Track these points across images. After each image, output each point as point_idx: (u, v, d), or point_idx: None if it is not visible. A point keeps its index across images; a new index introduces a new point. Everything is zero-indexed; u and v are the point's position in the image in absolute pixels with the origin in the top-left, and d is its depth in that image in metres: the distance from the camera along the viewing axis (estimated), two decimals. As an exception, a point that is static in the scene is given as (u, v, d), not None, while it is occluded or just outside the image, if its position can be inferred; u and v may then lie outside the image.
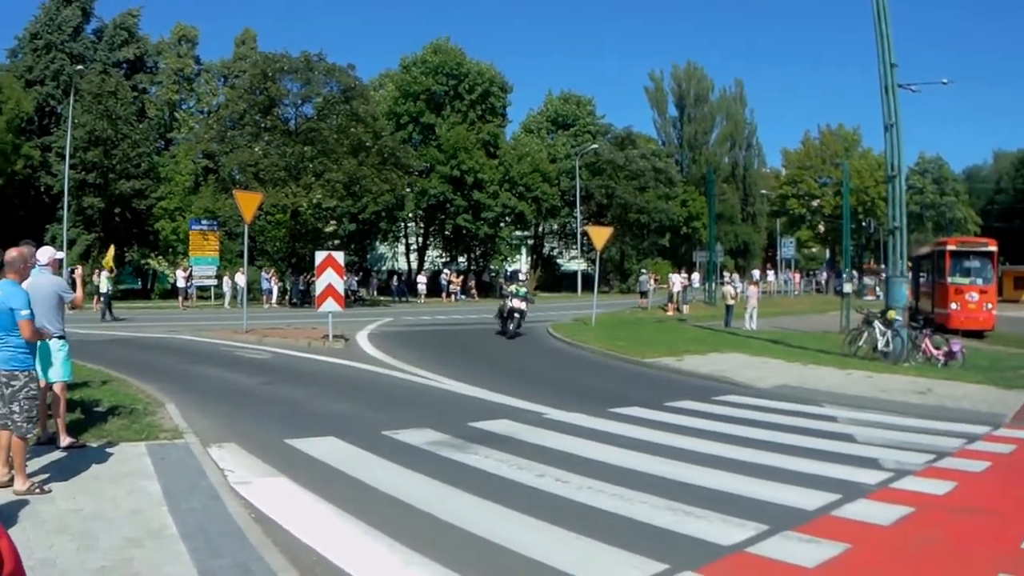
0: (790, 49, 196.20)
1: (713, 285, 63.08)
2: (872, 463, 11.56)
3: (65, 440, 11.02)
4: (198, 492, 9.07)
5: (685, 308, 51.79)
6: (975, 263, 41.82)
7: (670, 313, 49.20)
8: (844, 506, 9.29)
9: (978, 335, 37.47)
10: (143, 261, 64.35)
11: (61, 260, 11.89)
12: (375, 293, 66.92)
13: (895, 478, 10.74)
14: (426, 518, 8.68)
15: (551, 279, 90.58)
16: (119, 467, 10.16)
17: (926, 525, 8.82)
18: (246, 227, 32.30)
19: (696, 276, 70.30)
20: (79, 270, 12.51)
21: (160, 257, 60.34)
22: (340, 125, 55.52)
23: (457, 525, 8.42)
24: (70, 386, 12.04)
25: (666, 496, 9.52)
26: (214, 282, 55.41)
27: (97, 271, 43.26)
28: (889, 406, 17.00)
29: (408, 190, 64.68)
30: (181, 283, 52.00)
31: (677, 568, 7.21)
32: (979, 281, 40.87)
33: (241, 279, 42.75)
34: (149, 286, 66.84)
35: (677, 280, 55.41)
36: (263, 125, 55.33)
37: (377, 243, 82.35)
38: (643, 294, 57.04)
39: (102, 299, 40.30)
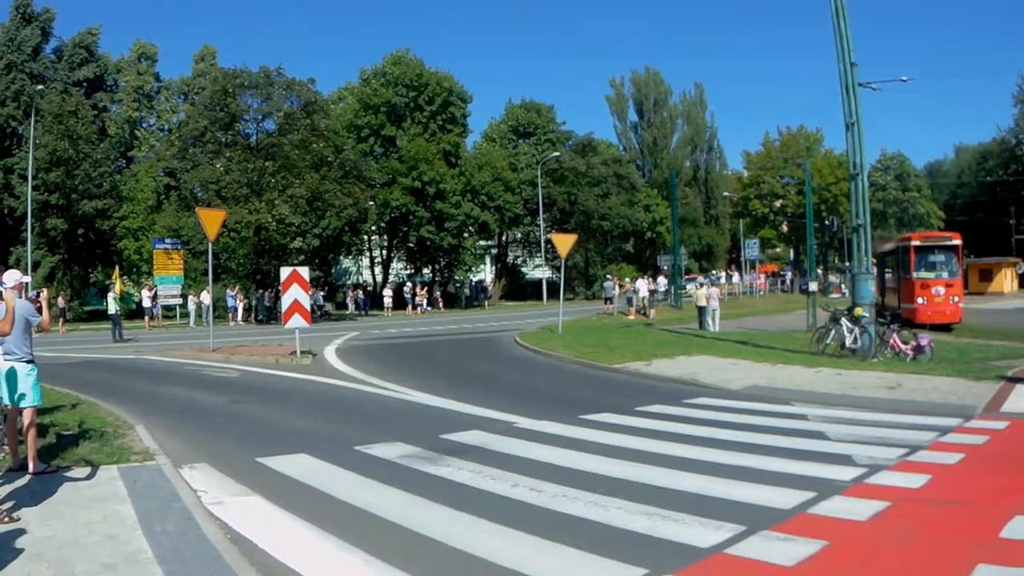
0: (750, 52, 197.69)
1: (678, 289, 63.32)
2: (846, 460, 11.60)
3: (36, 466, 10.91)
4: (172, 514, 9.00)
5: (652, 312, 51.83)
6: (940, 257, 42.16)
7: (632, 318, 49.23)
8: (820, 503, 9.32)
9: (946, 328, 37.73)
10: (107, 282, 63.90)
11: (27, 283, 11.82)
12: (359, 306, 66.53)
13: (869, 473, 10.77)
14: (401, 531, 8.66)
15: (516, 288, 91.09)
16: (91, 491, 10.08)
17: (903, 519, 8.84)
18: (210, 245, 32.21)
19: (662, 280, 70.42)
20: (44, 293, 12.40)
21: (125, 278, 59.92)
22: (301, 140, 55.49)
23: (432, 537, 8.40)
24: (39, 411, 11.93)
25: (641, 501, 9.51)
26: (179, 301, 55.16)
27: (112, 292, 43.58)
28: (859, 402, 17.07)
29: (371, 203, 64.70)
30: (147, 303, 51.76)
31: (656, 572, 7.21)
32: (945, 275, 41.21)
33: (207, 297, 42.60)
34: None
35: (643, 285, 55.59)
36: (224, 141, 55.17)
37: (342, 257, 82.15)
38: (608, 300, 57.11)
39: (113, 320, 40.47)
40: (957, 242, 43.13)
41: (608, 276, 66.69)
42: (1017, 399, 17.03)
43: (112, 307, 40.95)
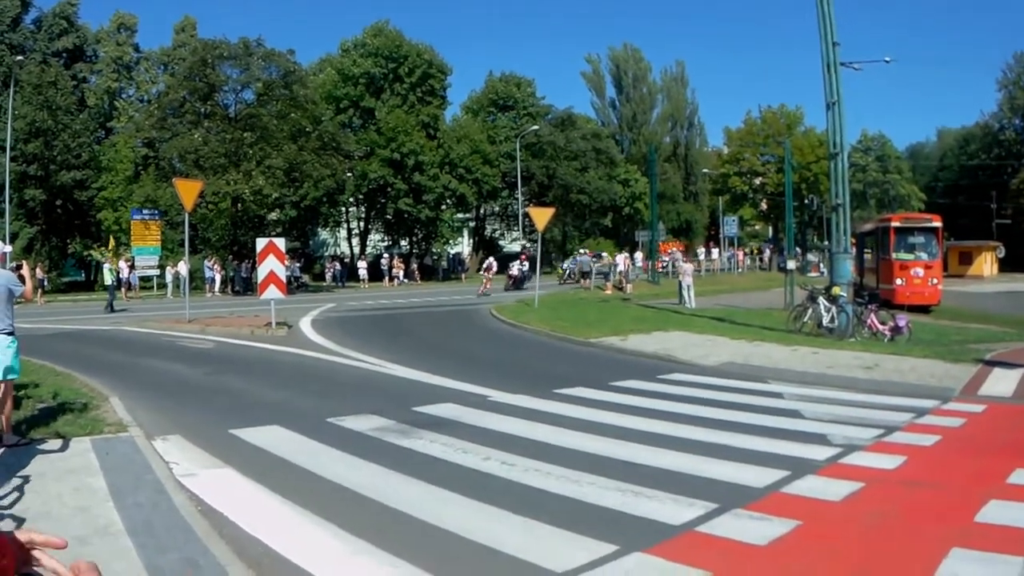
0: (733, 29, 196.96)
1: (657, 264, 63.47)
2: (820, 439, 11.59)
3: (9, 438, 10.84)
4: (144, 486, 8.96)
5: (629, 287, 51.92)
6: (920, 239, 42.39)
7: (609, 292, 49.30)
8: (794, 483, 9.30)
9: (924, 310, 37.95)
10: (86, 253, 63.55)
11: (7, 254, 11.72)
12: (336, 278, 66.35)
13: (844, 454, 10.75)
14: (372, 505, 8.63)
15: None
16: (64, 463, 10.03)
17: (877, 500, 8.83)
18: (187, 216, 32.06)
19: (639, 255, 70.56)
20: (25, 265, 12.30)
21: (103, 248, 59.60)
22: (280, 111, 55.68)
23: (403, 511, 8.37)
24: (15, 383, 11.84)
25: (614, 477, 9.48)
26: (157, 272, 55.04)
27: (108, 262, 44.51)
28: (836, 382, 17.10)
29: (348, 175, 64.70)
30: (124, 273, 51.54)
31: (627, 549, 7.18)
32: (924, 256, 41.41)
33: (184, 268, 42.51)
34: (92, 278, 66.00)
35: (620, 260, 56.07)
36: (203, 112, 55.30)
37: (319, 229, 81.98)
38: (584, 274, 57.16)
39: (109, 291, 40.90)
40: (937, 224, 43.39)
41: (583, 251, 67.23)
42: (995, 382, 17.04)
43: (108, 278, 41.48)
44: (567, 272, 61.15)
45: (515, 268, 54.60)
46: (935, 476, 10.05)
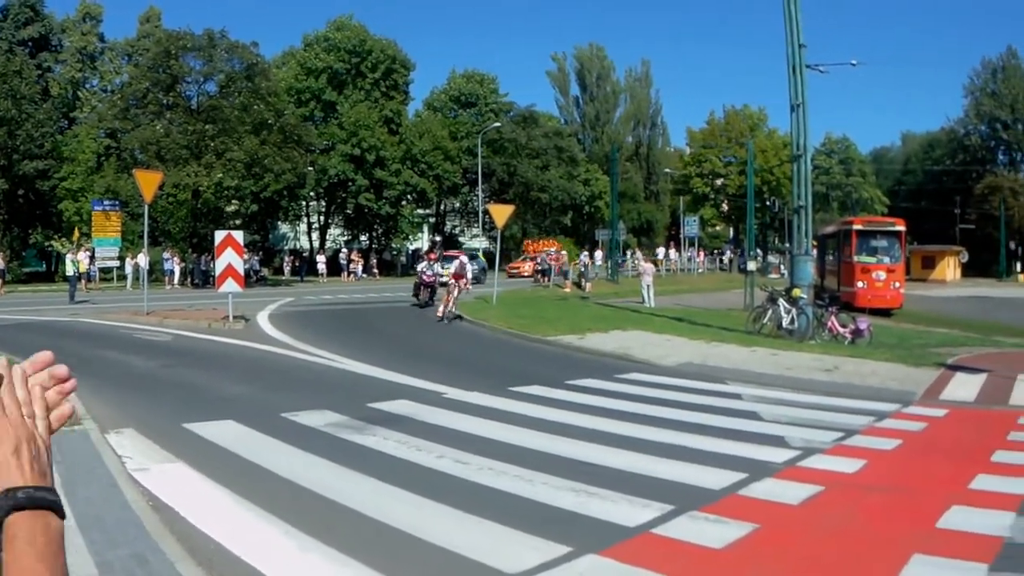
0: (698, 29, 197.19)
1: (616, 263, 63.90)
2: (779, 441, 11.60)
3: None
4: (95, 480, 8.81)
5: (588, 286, 52.03)
6: (882, 242, 42.79)
7: (568, 290, 49.41)
8: (751, 485, 9.27)
9: (885, 313, 38.25)
10: (47, 243, 63.00)
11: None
12: (295, 272, 66.45)
13: (803, 456, 10.74)
14: (324, 502, 8.55)
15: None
16: (15, 457, 9.81)
17: (836, 504, 8.85)
18: (146, 207, 31.81)
19: (599, 254, 70.81)
20: None
21: (64, 239, 59.08)
22: (242, 103, 55.59)
23: (355, 509, 8.31)
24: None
25: (568, 477, 9.42)
26: (116, 263, 54.61)
27: (71, 254, 44.19)
28: (795, 383, 17.17)
29: (309, 168, 64.65)
30: (85, 264, 51.14)
31: (581, 551, 7.10)
32: (886, 260, 41.81)
33: (143, 260, 42.24)
34: (53, 269, 65.44)
35: (581, 258, 56.39)
36: (165, 103, 55.19)
37: (279, 222, 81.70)
38: (544, 272, 57.20)
39: (70, 282, 40.55)
40: (900, 228, 43.80)
41: (545, 249, 67.12)
42: (957, 387, 17.09)
43: (70, 269, 41.33)
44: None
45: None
46: (896, 480, 10.08)
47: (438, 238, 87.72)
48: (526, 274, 62.46)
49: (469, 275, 34.59)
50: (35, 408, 1.47)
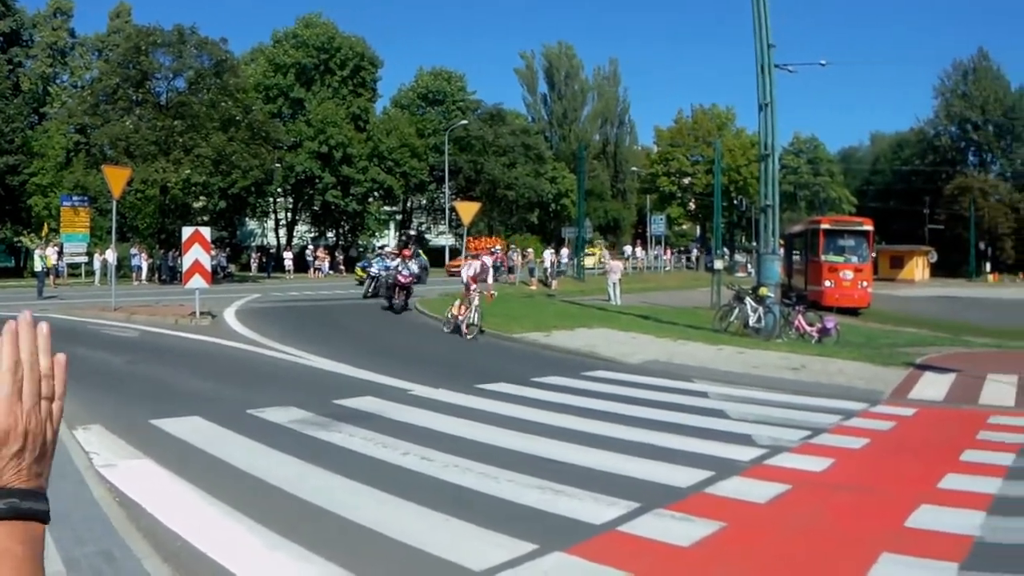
0: (668, 28, 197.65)
1: (581, 261, 63.71)
2: (745, 439, 11.61)
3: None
4: (64, 477, 8.67)
5: (553, 283, 52.27)
6: (850, 242, 43.01)
7: (534, 288, 49.54)
8: (718, 483, 9.28)
9: (853, 312, 38.35)
10: (15, 239, 62.63)
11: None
12: (262, 268, 66.50)
13: (770, 455, 10.77)
14: (290, 499, 8.52)
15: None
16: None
17: (804, 503, 8.88)
18: (115, 203, 31.65)
19: (565, 252, 71.05)
20: None
21: (33, 235, 58.76)
22: (211, 99, 55.59)
23: (321, 506, 8.27)
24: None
25: (534, 474, 9.41)
26: (85, 259, 54.30)
27: (39, 249, 44.05)
28: (761, 382, 17.20)
29: (277, 165, 64.81)
30: (53, 260, 50.87)
31: (547, 548, 7.08)
32: (854, 259, 42.06)
33: (111, 256, 41.99)
34: (22, 264, 65.04)
35: (547, 255, 56.80)
36: (135, 99, 55.18)
37: (247, 219, 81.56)
38: (510, 269, 57.35)
39: (38, 278, 40.84)
40: (868, 228, 44.07)
41: (511, 246, 67.44)
42: (925, 386, 17.16)
43: (39, 264, 41.06)
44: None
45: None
46: (864, 479, 10.09)
47: (412, 232, 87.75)
48: None
49: (490, 279, 27.26)
50: (56, 386, 1.37)
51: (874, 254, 51.96)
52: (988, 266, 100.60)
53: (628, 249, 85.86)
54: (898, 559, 7.07)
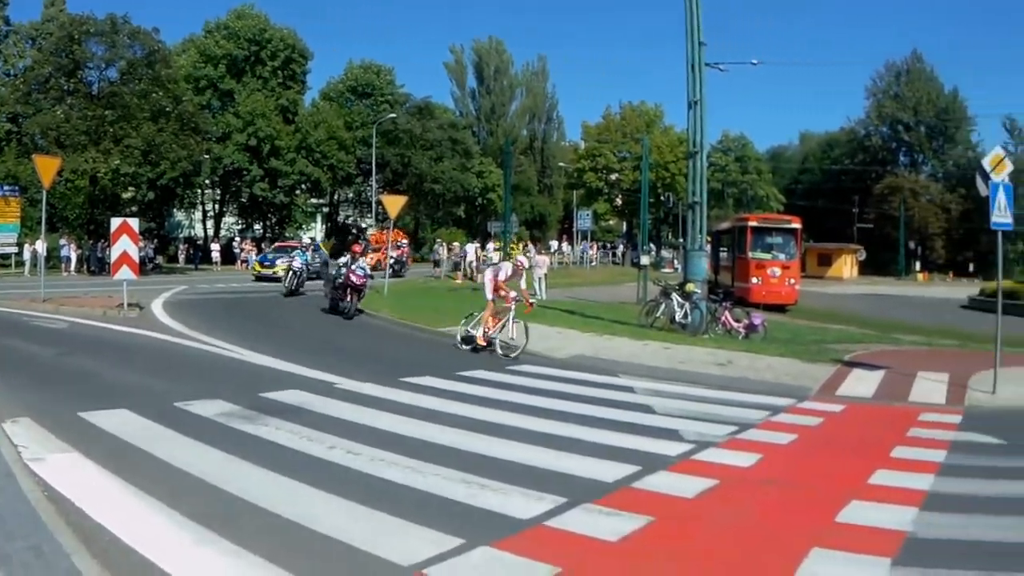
0: (599, 25, 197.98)
1: (508, 255, 63.87)
2: (672, 434, 11.66)
3: None
4: (-8, 471, 8.61)
5: (479, 277, 51.89)
6: (778, 239, 43.57)
7: (459, 282, 49.64)
8: (645, 478, 9.28)
9: (780, 309, 38.79)
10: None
11: None
12: (189, 260, 66.06)
13: (697, 450, 10.82)
14: (217, 493, 8.40)
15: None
16: (-93, 447, 9.62)
17: (732, 498, 8.90)
18: (45, 193, 31.24)
19: (491, 246, 71.24)
20: None
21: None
22: (142, 90, 55.30)
23: (248, 500, 8.16)
24: None
25: (461, 468, 9.37)
26: (15, 250, 53.53)
27: None
28: (688, 377, 17.38)
29: (206, 156, 64.59)
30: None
31: (474, 543, 7.04)
32: (781, 257, 42.62)
33: (41, 246, 41.40)
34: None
35: (471, 249, 56.85)
36: (67, 88, 54.85)
37: (175, 210, 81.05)
38: (436, 263, 57.43)
39: None
40: (796, 226, 44.57)
41: (437, 240, 67.85)
42: (854, 383, 17.40)
43: None
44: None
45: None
46: (793, 475, 10.18)
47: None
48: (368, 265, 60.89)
49: (523, 284, 23.50)
50: None
51: (802, 252, 52.68)
52: (918, 265, 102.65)
53: (554, 244, 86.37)
54: (829, 554, 7.11)
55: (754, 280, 41.78)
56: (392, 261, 45.11)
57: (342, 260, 29.91)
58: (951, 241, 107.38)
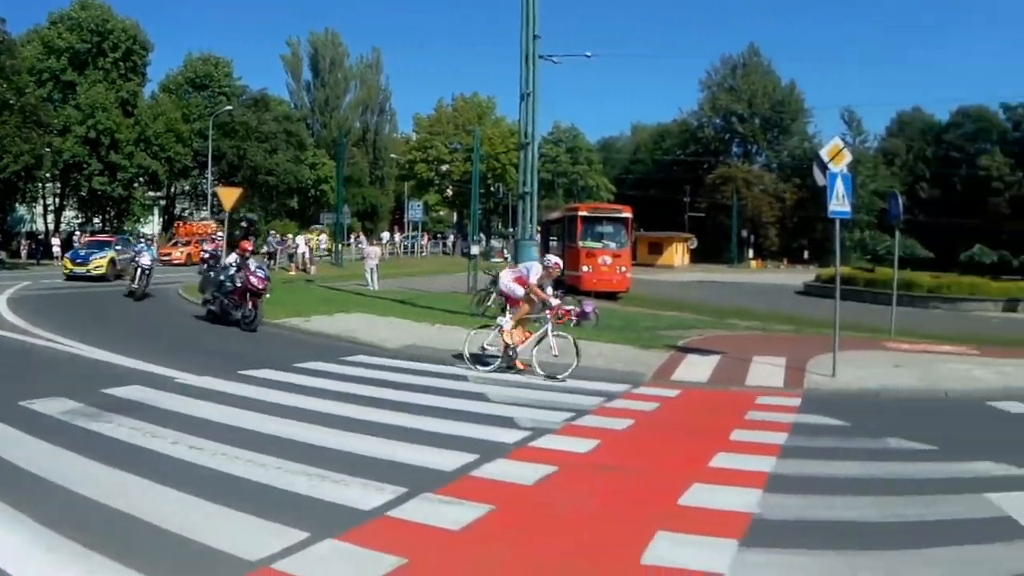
0: (434, 17, 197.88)
1: (341, 247, 64.75)
2: (508, 422, 11.77)
3: None
4: None
5: (312, 269, 52.68)
6: (608, 228, 44.29)
7: (293, 274, 49.64)
8: (483, 466, 9.37)
9: (611, 296, 39.31)
10: None
11: None
12: (31, 255, 64.39)
13: (533, 437, 10.94)
14: (60, 492, 8.18)
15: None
16: None
17: (572, 484, 9.02)
18: None
19: (323, 237, 71.10)
20: None
21: None
22: (-14, 81, 53.83)
23: (92, 499, 7.96)
24: None
25: (302, 461, 9.32)
26: None
27: None
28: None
29: (47, 150, 63.05)
30: None
31: (319, 536, 7.01)
32: (612, 245, 43.34)
33: None
34: None
35: (301, 241, 57.04)
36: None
37: (17, 204, 78.79)
38: (270, 255, 57.21)
39: None
40: (627, 215, 45.37)
41: (272, 232, 68.26)
42: (688, 368, 17.78)
43: None
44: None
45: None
46: (631, 460, 10.36)
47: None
48: (177, 261, 59.69)
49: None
50: None
51: (633, 240, 53.54)
52: (751, 253, 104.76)
53: (386, 235, 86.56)
54: (675, 537, 7.23)
55: (585, 268, 42.30)
56: (207, 256, 43.80)
57: (230, 260, 26.26)
58: (785, 229, 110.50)
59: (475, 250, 40.71)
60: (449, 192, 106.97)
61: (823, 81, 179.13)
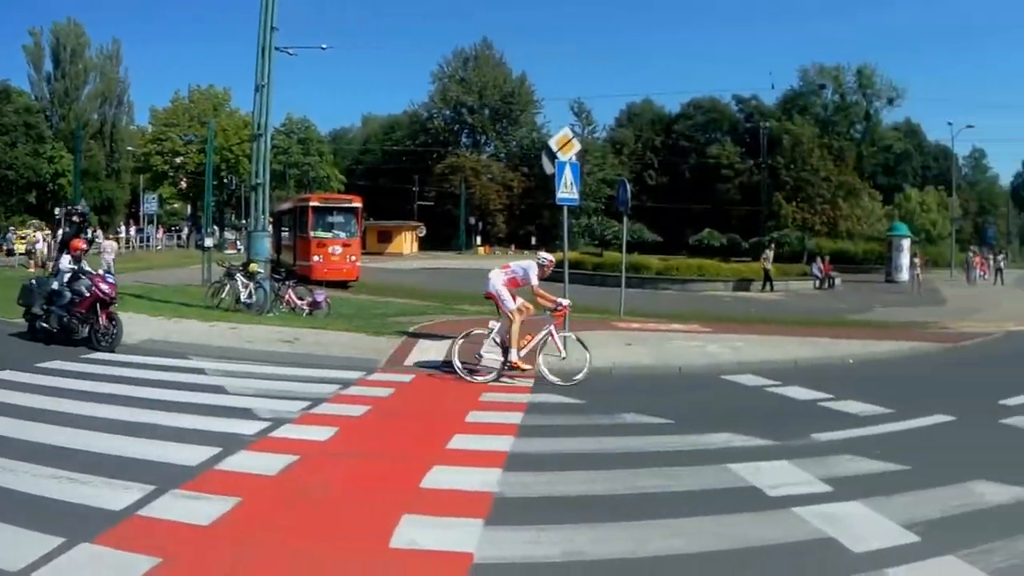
0: (173, 8, 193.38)
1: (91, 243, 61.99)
2: (247, 413, 11.73)
3: None
4: None
5: (51, 264, 50.20)
6: (339, 218, 44.87)
7: (33, 270, 47.49)
8: (226, 459, 9.31)
9: (343, 285, 39.75)
10: None
11: None
12: None
13: (273, 427, 10.95)
14: None
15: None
16: None
17: (315, 472, 9.09)
18: None
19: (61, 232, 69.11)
20: None
21: None
22: None
23: None
24: None
25: (46, 463, 8.98)
26: None
27: None
28: (257, 356, 17.57)
29: None
30: None
31: (74, 540, 6.78)
32: (342, 235, 43.97)
33: None
34: None
35: (40, 237, 55.12)
36: None
37: None
38: (9, 252, 56.05)
39: None
40: (357, 205, 46.07)
41: (11, 228, 64.85)
42: (420, 353, 18.13)
43: None
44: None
45: None
46: (371, 445, 10.53)
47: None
48: None
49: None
50: None
51: (363, 229, 53.96)
52: (479, 239, 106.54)
53: (123, 229, 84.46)
54: (420, 519, 7.36)
55: (316, 258, 42.62)
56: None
57: (64, 263, 20.56)
58: (513, 216, 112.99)
59: (209, 242, 40.32)
60: (183, 184, 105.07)
61: (556, 74, 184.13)
